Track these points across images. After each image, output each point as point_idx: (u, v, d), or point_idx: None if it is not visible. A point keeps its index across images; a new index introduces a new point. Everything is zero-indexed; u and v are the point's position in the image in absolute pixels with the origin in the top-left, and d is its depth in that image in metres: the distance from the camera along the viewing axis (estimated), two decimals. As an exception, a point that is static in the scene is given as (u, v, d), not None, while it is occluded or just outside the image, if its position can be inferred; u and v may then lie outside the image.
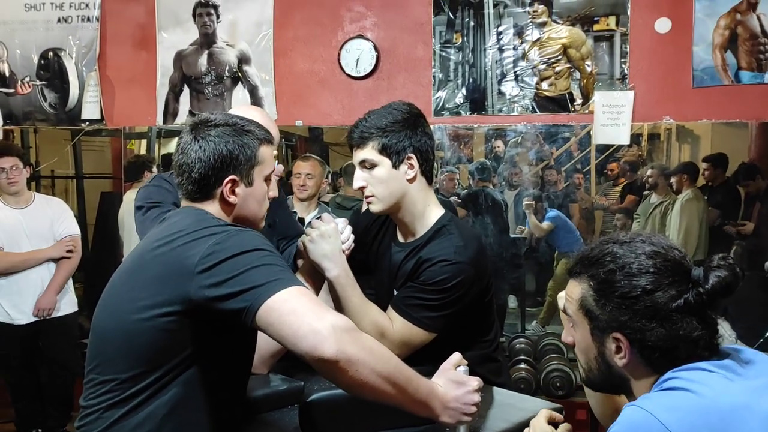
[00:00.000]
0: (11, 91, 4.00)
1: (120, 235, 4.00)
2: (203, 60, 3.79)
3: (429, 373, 1.38)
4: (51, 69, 3.95)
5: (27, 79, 3.97)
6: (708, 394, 1.03)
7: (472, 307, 1.73)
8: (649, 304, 1.09)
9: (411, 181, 1.73)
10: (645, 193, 3.61)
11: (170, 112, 3.84)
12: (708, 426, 1.00)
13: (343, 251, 1.69)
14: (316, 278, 1.70)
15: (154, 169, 4.00)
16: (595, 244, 1.20)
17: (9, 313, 3.50)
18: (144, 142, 4.17)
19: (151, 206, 1.88)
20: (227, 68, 3.77)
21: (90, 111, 3.92)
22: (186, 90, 3.83)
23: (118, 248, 4.02)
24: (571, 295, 1.20)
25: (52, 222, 3.56)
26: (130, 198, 3.99)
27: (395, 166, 1.71)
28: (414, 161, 1.72)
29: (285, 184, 3.56)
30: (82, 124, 3.97)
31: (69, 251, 3.55)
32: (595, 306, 1.15)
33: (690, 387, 1.05)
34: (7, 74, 4.00)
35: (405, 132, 1.71)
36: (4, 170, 3.45)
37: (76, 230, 3.64)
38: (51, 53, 3.94)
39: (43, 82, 3.96)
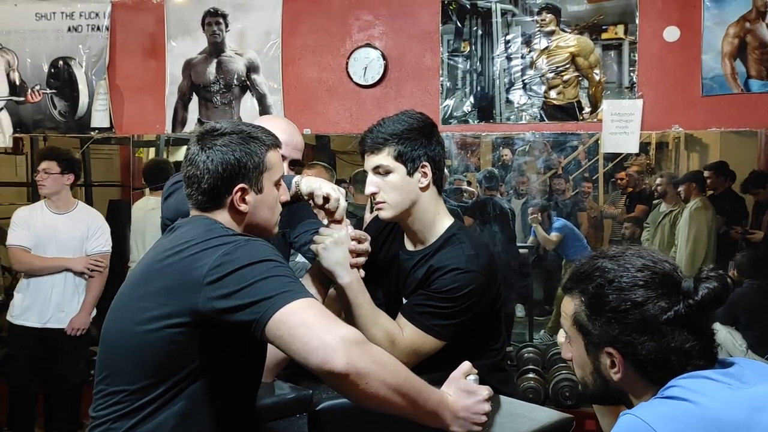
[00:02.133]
0: (21, 99, 4.03)
1: (130, 243, 4.02)
2: (212, 68, 3.80)
3: (439, 380, 1.37)
4: (61, 77, 3.97)
5: (37, 87, 4.00)
6: (709, 405, 1.02)
7: (482, 316, 1.72)
8: (639, 317, 1.10)
9: (424, 189, 1.73)
10: (654, 202, 3.59)
11: (179, 121, 3.85)
12: None
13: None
14: (325, 283, 1.69)
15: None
16: (586, 260, 1.20)
17: (19, 313, 3.53)
18: (153, 150, 4.18)
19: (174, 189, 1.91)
20: (236, 77, 3.78)
21: (99, 119, 3.94)
22: (195, 98, 3.84)
23: (126, 256, 4.03)
24: (565, 311, 1.21)
25: (85, 234, 3.58)
26: (141, 206, 4.01)
27: (410, 173, 1.71)
28: (428, 170, 1.72)
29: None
30: (92, 132, 3.99)
31: (93, 269, 3.54)
32: (588, 321, 1.15)
33: (690, 397, 1.03)
34: (17, 83, 4.02)
35: (421, 140, 1.72)
36: (38, 172, 3.54)
37: (107, 248, 3.65)
38: (61, 62, 3.97)
39: (53, 91, 3.99)
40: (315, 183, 1.66)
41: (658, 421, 1.00)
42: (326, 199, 1.63)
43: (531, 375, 3.41)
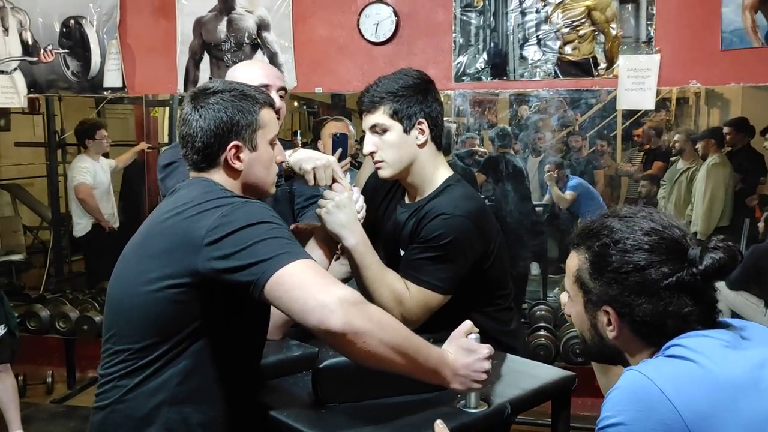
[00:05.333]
0: (34, 59, 4.03)
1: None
2: (222, 27, 3.77)
3: (442, 339, 1.39)
4: (73, 37, 3.96)
5: (50, 47, 3.99)
6: (710, 365, 1.03)
7: (479, 269, 1.72)
8: (640, 280, 1.09)
9: (421, 146, 1.73)
10: (672, 158, 3.55)
11: (191, 80, 3.84)
12: (708, 397, 1.00)
13: (358, 219, 1.69)
14: (331, 245, 1.70)
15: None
16: (597, 217, 1.20)
17: None
18: (167, 109, 4.19)
19: (169, 172, 1.93)
20: (246, 35, 3.75)
21: (112, 79, 3.94)
22: (206, 57, 3.82)
23: (142, 215, 4.08)
24: (569, 266, 1.21)
25: None
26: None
27: (406, 131, 1.71)
28: (425, 126, 1.72)
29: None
30: (105, 92, 3.99)
31: None
32: (589, 279, 1.16)
33: (692, 357, 1.04)
34: (30, 42, 4.02)
35: (416, 97, 1.72)
36: None
37: None
38: (72, 21, 3.94)
39: (66, 50, 3.98)
40: (301, 155, 1.68)
41: (661, 377, 1.01)
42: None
43: (542, 332, 3.43)
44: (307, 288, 1.17)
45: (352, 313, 1.16)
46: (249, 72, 1.93)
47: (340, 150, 2.33)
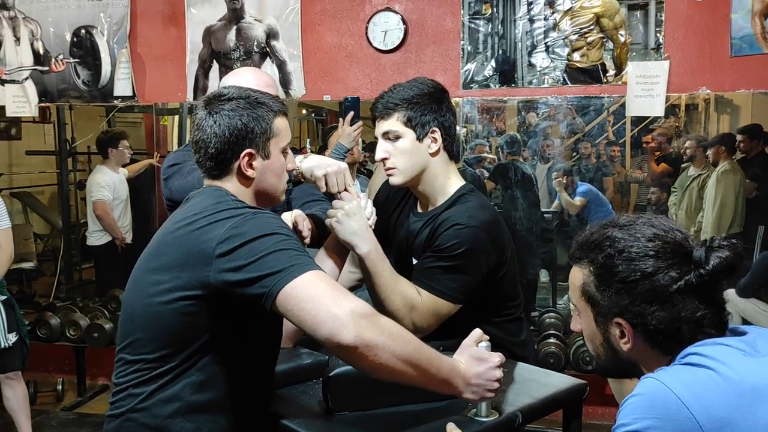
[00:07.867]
0: (46, 68, 4.06)
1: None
2: (231, 35, 3.79)
3: (453, 348, 1.38)
4: (83, 46, 3.99)
5: (60, 56, 4.02)
6: (727, 372, 1.01)
7: (491, 279, 1.72)
8: (649, 287, 1.08)
9: (434, 155, 1.73)
10: (683, 165, 3.53)
11: (200, 88, 3.86)
12: (726, 404, 0.99)
13: (369, 226, 1.69)
14: (342, 254, 1.70)
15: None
16: (596, 228, 1.17)
17: None
18: (176, 118, 4.21)
19: (174, 172, 1.93)
20: (255, 43, 3.76)
21: (122, 88, 3.96)
22: (215, 66, 3.84)
23: (151, 223, 4.10)
24: (573, 281, 1.19)
25: None
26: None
27: (419, 138, 1.71)
28: (438, 135, 1.72)
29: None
30: (115, 101, 4.02)
31: None
32: (596, 292, 1.14)
33: (710, 364, 1.03)
34: (41, 52, 4.05)
35: (431, 106, 1.72)
36: None
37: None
38: (83, 31, 3.98)
39: (76, 60, 4.01)
40: (312, 161, 1.67)
41: (679, 385, 1.00)
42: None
43: (552, 340, 3.41)
44: (318, 300, 1.17)
45: (363, 326, 1.16)
46: (240, 82, 1.89)
47: (351, 113, 2.29)
